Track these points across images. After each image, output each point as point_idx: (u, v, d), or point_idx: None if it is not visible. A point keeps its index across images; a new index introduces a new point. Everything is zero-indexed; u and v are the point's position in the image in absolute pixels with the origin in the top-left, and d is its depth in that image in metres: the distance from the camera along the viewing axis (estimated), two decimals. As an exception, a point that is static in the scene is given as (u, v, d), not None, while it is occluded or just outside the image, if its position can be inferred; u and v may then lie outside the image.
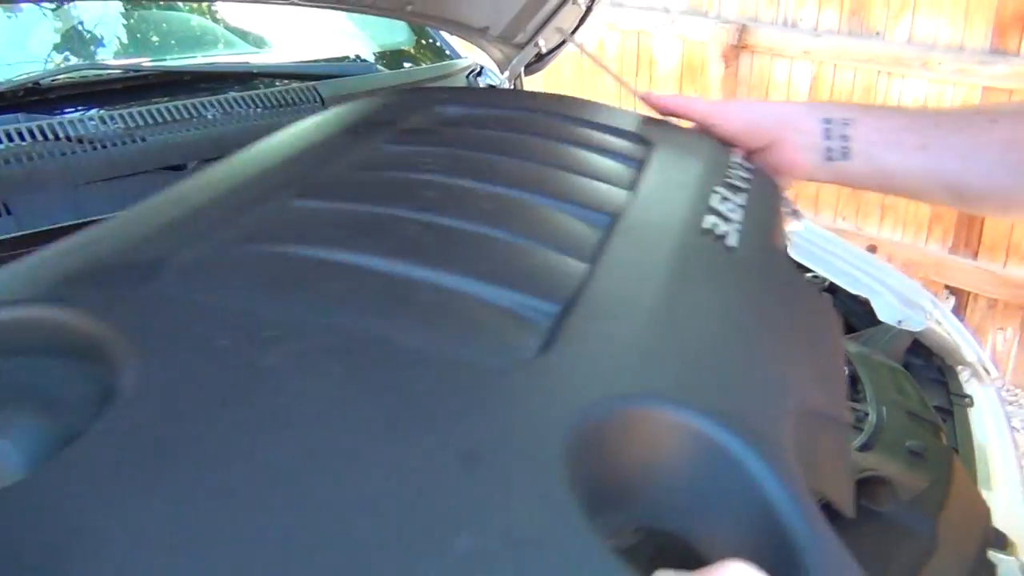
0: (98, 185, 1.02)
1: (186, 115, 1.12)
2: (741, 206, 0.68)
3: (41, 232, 0.95)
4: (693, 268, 0.56)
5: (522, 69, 1.48)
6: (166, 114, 1.10)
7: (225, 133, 1.14)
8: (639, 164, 0.73)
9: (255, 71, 1.30)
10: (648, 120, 0.87)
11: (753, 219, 0.67)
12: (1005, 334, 2.98)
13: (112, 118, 1.07)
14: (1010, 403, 2.91)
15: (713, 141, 0.83)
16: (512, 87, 1.51)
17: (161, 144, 1.08)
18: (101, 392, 0.40)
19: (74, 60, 1.32)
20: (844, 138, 0.79)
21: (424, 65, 1.50)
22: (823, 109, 0.82)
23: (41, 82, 1.11)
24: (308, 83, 1.26)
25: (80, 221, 0.98)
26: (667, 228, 0.61)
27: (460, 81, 1.48)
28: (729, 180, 0.73)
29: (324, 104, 1.23)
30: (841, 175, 0.81)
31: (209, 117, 1.14)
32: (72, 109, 1.11)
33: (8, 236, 0.94)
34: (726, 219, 0.64)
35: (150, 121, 1.09)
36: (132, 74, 1.20)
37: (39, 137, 1.01)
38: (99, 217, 0.99)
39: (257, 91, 1.23)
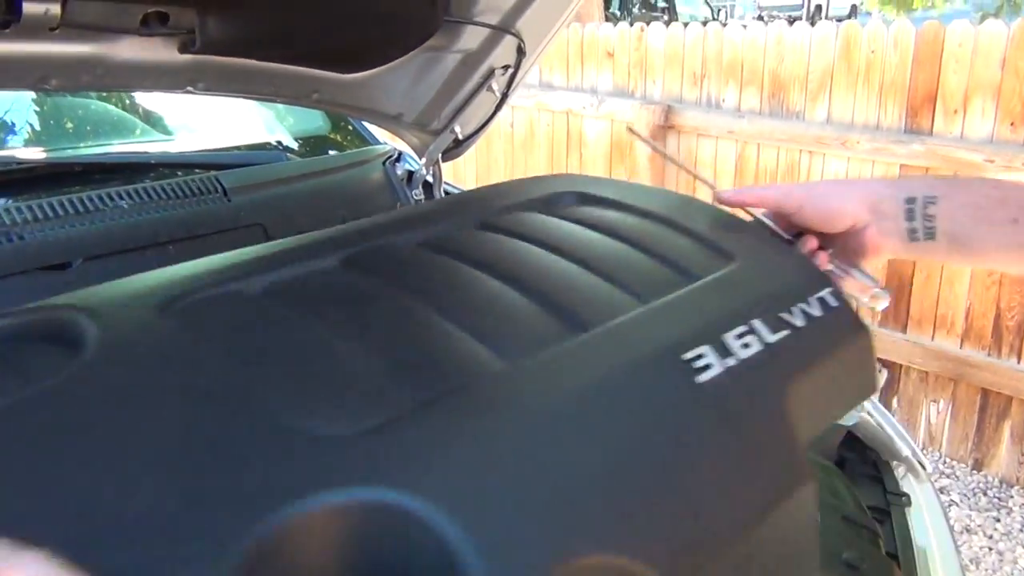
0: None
1: (70, 210, 1.04)
2: (766, 344, 0.66)
3: None
4: (615, 392, 0.57)
5: (439, 156, 1.44)
6: (47, 210, 1.02)
7: (106, 228, 1.06)
8: (692, 278, 0.73)
9: (153, 161, 1.23)
10: (745, 230, 0.85)
11: (766, 361, 0.64)
12: (938, 406, 3.00)
13: (-11, 214, 0.98)
14: (946, 476, 2.91)
15: (803, 266, 0.81)
16: (430, 173, 1.46)
17: (41, 241, 0.99)
18: None
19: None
20: (928, 218, 0.76)
21: (338, 152, 1.45)
22: (905, 187, 0.79)
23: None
24: (210, 173, 1.19)
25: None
26: (634, 348, 0.62)
27: (376, 168, 1.43)
28: (782, 314, 0.70)
29: (227, 195, 1.16)
30: (925, 253, 0.78)
31: (99, 210, 1.06)
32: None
33: None
34: (726, 354, 0.63)
35: (28, 217, 1.01)
36: (13, 167, 1.12)
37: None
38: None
39: (156, 182, 1.16)
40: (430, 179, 1.50)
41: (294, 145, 1.47)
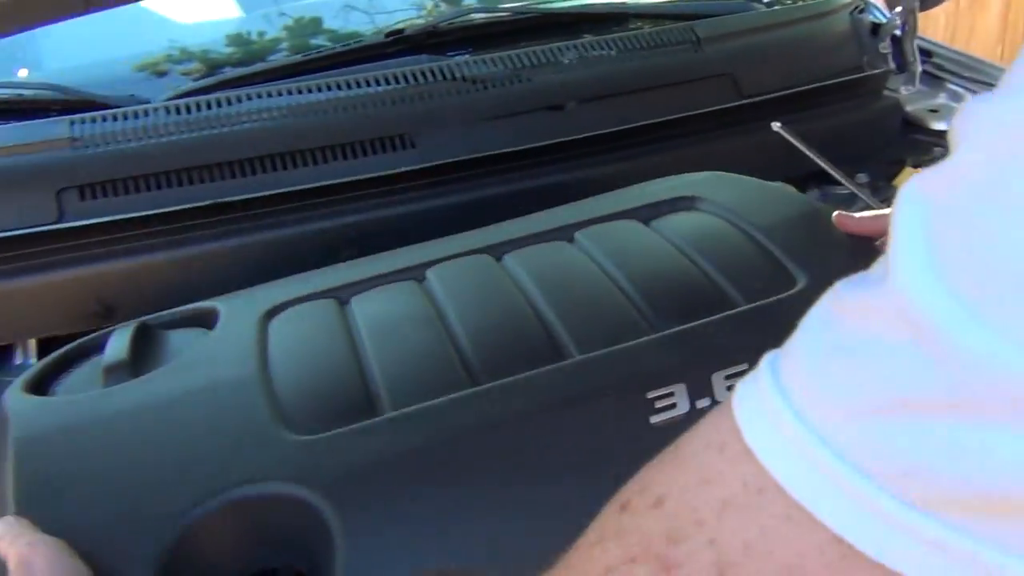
0: (489, 123, 1.08)
1: (564, 57, 1.15)
2: None
3: (441, 165, 1.03)
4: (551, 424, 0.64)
5: (916, 4, 1.33)
6: (549, 55, 1.14)
7: (601, 74, 1.15)
8: (729, 305, 0.73)
9: (631, 11, 1.30)
10: (841, 251, 0.79)
11: None
12: None
13: (501, 60, 1.12)
14: None
15: None
16: (903, 26, 1.36)
17: (545, 84, 1.11)
18: None
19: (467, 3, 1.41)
20: None
21: (801, 2, 1.40)
22: None
23: (439, 25, 1.19)
24: (684, 23, 1.23)
25: (474, 156, 1.05)
26: (598, 379, 0.66)
27: (842, 20, 1.36)
28: None
29: (700, 45, 1.19)
30: None
31: (584, 59, 1.16)
32: (466, 51, 1.18)
33: (412, 168, 1.03)
34: (701, 395, 0.64)
35: (535, 62, 1.13)
36: (518, 17, 1.25)
37: (440, 77, 1.09)
38: (492, 153, 1.06)
39: (632, 32, 1.22)
40: (898, 32, 1.40)
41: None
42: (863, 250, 0.77)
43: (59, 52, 1.32)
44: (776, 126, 0.87)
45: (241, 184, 0.99)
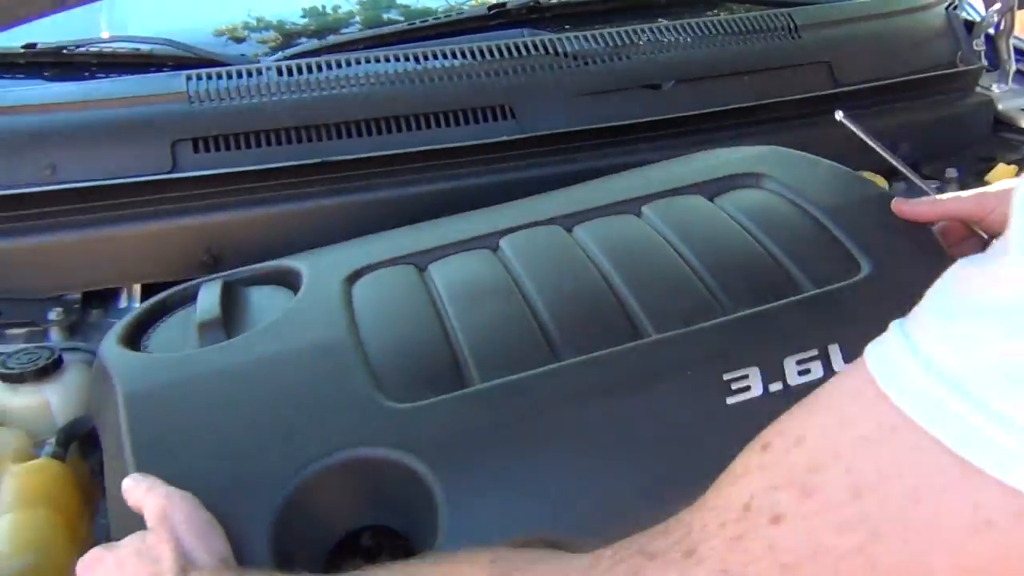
0: (587, 98, 1.09)
1: (663, 37, 1.16)
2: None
3: (540, 136, 1.05)
4: (637, 406, 0.66)
5: (1015, 1, 1.32)
6: (648, 34, 1.15)
7: (699, 56, 1.16)
8: (798, 289, 0.74)
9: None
10: (908, 235, 0.79)
11: None
12: None
13: (601, 36, 1.14)
14: None
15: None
16: (998, 24, 1.35)
17: (643, 63, 1.13)
18: None
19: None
20: None
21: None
22: None
23: (541, 1, 1.21)
24: (781, 9, 1.23)
25: (573, 129, 1.06)
26: (674, 363, 0.68)
27: (937, 15, 1.35)
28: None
29: (798, 31, 1.20)
30: None
31: (683, 40, 1.17)
32: (565, 27, 1.20)
33: (512, 138, 1.05)
34: (774, 379, 0.66)
35: (632, 41, 1.14)
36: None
37: (540, 51, 1.11)
38: (590, 127, 1.07)
39: (729, 16, 1.23)
40: (993, 30, 1.38)
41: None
42: (924, 237, 0.79)
43: (137, 15, 1.36)
44: (839, 115, 0.87)
45: (345, 145, 1.02)
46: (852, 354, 0.65)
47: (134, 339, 0.82)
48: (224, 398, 0.70)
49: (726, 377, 0.66)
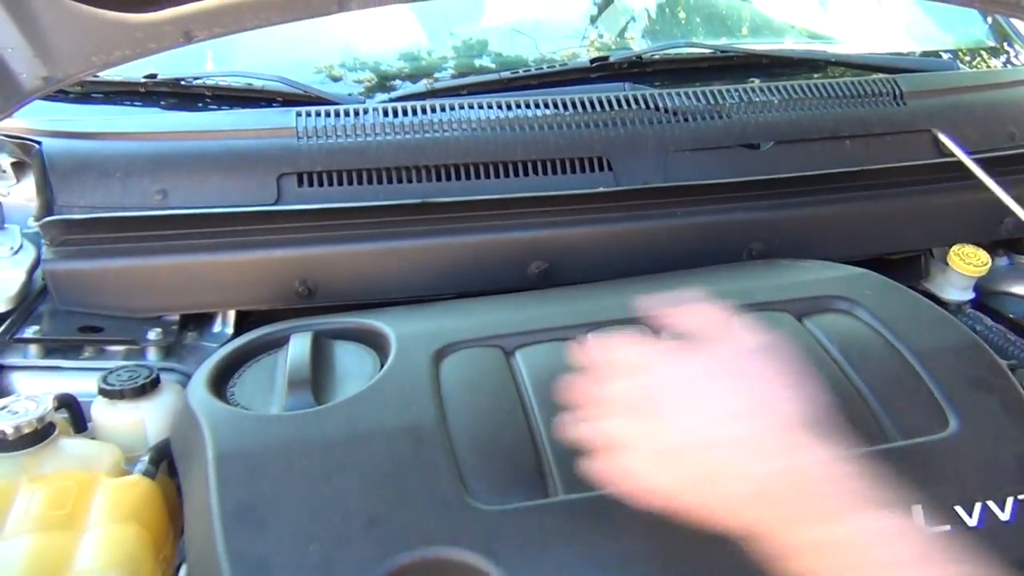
0: (685, 154, 1.09)
1: (764, 97, 1.16)
2: None
3: (634, 190, 1.05)
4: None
5: None
6: (748, 94, 1.15)
7: (800, 117, 1.15)
8: (875, 440, 0.72)
9: (832, 59, 1.29)
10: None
11: None
12: None
13: (701, 94, 1.14)
14: None
15: None
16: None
17: (743, 122, 1.12)
18: None
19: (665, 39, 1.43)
20: None
21: (1010, 67, 1.37)
22: None
23: (643, 56, 1.21)
24: (886, 75, 1.22)
25: (668, 185, 1.06)
26: None
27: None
28: None
29: (903, 99, 1.18)
30: None
31: (784, 101, 1.16)
32: (666, 83, 1.21)
33: (608, 190, 1.05)
34: None
35: (732, 100, 1.14)
36: (719, 55, 1.26)
37: (640, 106, 1.11)
38: (686, 183, 1.07)
39: (832, 79, 1.22)
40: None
41: (956, 54, 1.42)
42: (1012, 395, 0.79)
43: (242, 51, 1.41)
44: (940, 136, 0.85)
45: (445, 188, 1.04)
46: (933, 513, 0.65)
47: (221, 382, 0.85)
48: (313, 473, 0.71)
49: None
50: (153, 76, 1.17)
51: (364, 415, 0.76)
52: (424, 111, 1.07)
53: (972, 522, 0.66)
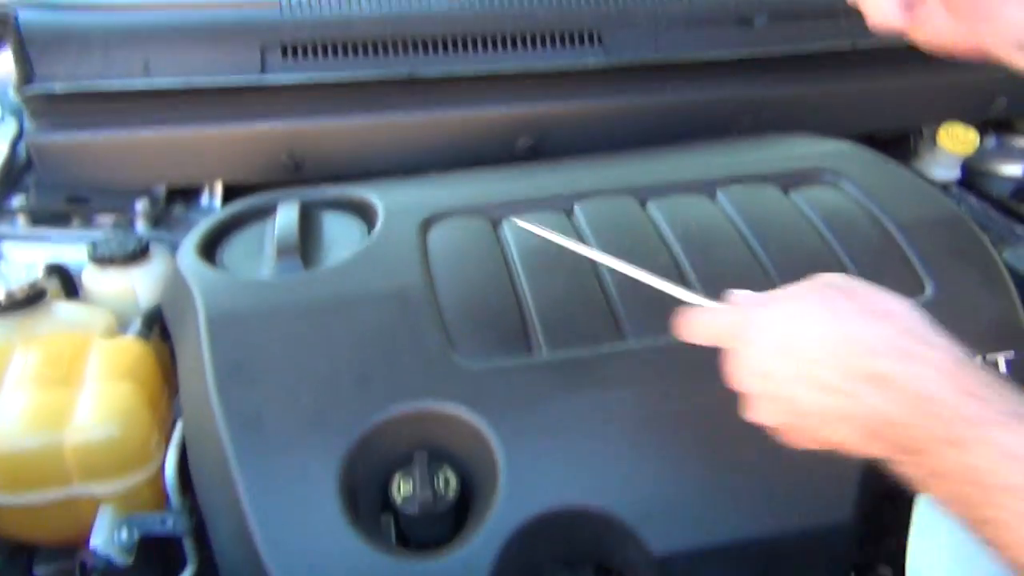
0: (678, 29, 1.07)
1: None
2: None
3: (626, 65, 1.04)
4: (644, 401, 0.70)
5: None
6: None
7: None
8: None
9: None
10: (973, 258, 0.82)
11: None
12: None
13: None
14: None
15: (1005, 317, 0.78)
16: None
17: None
18: None
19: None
20: None
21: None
22: None
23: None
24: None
25: (659, 60, 1.05)
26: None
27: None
28: None
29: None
30: None
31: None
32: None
33: (598, 65, 1.04)
34: None
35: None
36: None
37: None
38: (678, 59, 1.05)
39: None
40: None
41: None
42: (990, 266, 0.81)
43: None
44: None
45: (431, 61, 1.02)
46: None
47: (211, 249, 0.86)
48: (303, 334, 0.73)
49: None
50: (131, -55, 1.13)
51: (352, 280, 0.78)
52: (412, -19, 1.05)
53: None
